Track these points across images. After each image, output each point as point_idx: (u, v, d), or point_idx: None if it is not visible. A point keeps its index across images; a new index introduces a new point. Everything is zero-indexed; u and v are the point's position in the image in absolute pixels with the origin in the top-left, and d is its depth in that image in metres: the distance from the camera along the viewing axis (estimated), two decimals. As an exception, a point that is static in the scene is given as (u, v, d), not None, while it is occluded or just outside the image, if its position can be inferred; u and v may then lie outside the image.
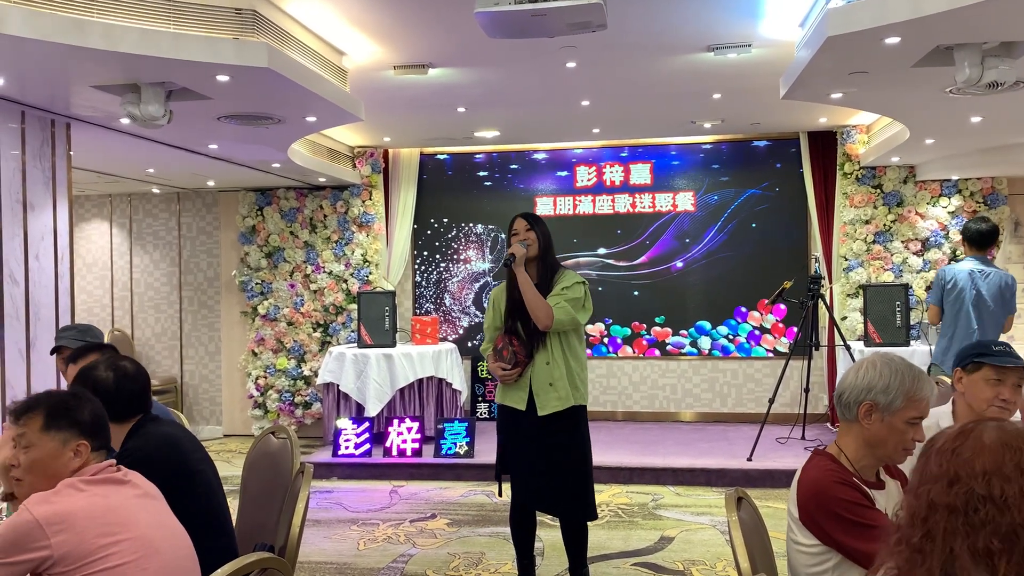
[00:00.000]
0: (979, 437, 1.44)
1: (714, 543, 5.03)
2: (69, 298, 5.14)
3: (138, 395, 2.64)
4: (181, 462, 2.58)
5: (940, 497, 1.41)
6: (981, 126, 5.79)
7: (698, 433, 7.72)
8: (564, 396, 3.90)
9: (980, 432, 1.45)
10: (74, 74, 4.19)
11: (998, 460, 1.40)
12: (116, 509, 2.04)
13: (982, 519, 1.37)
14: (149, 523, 2.09)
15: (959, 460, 1.42)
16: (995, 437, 1.43)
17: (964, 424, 1.49)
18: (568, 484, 3.94)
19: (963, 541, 1.37)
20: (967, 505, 1.38)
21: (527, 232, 3.96)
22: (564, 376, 3.91)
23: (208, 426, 8.77)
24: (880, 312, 7.05)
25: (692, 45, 5.03)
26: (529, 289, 3.86)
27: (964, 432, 1.46)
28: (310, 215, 8.38)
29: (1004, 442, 1.41)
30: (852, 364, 2.30)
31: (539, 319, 3.85)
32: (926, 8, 3.48)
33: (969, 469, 1.40)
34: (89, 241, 9.00)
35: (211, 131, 5.64)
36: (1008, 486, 1.37)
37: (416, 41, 4.89)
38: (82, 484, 2.06)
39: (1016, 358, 2.76)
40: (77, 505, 1.99)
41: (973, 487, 1.39)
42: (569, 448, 3.96)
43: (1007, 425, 1.46)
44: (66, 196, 5.13)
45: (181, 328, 8.87)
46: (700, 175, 8.33)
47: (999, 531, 1.35)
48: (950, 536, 1.38)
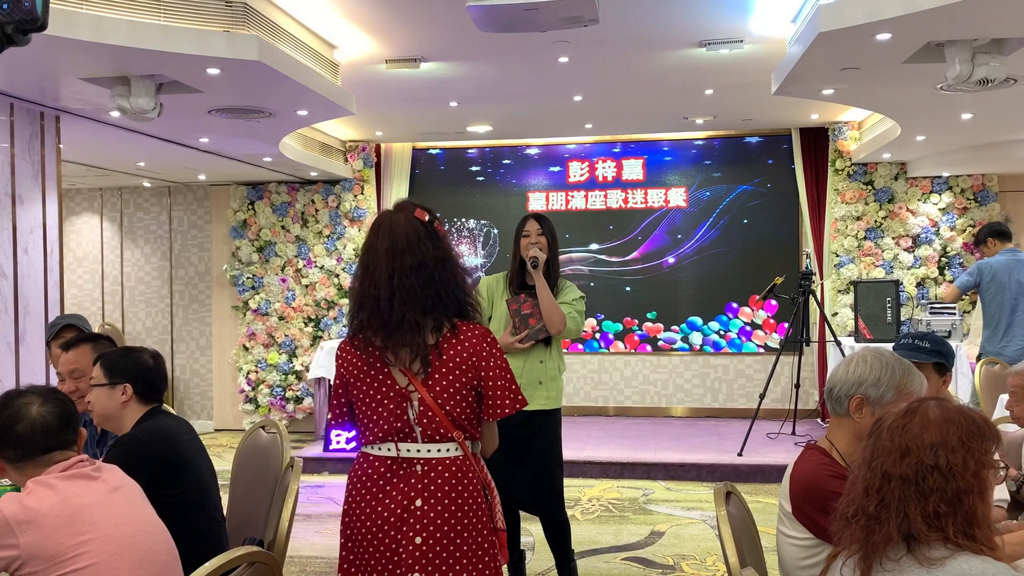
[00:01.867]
0: (925, 414, 1.64)
1: (704, 537, 5.05)
2: (59, 292, 5.11)
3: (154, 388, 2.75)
4: (172, 455, 2.59)
5: (893, 468, 1.61)
6: (972, 123, 5.81)
7: (689, 428, 7.74)
8: (553, 397, 3.96)
9: (925, 410, 1.65)
10: (63, 66, 4.17)
11: (943, 433, 1.60)
12: (85, 508, 2.02)
13: (931, 486, 1.57)
14: (120, 520, 2.07)
15: (909, 435, 1.62)
16: (938, 414, 1.63)
17: (909, 403, 1.70)
18: (545, 482, 3.96)
19: (915, 506, 1.57)
20: (917, 474, 1.58)
21: (539, 236, 3.97)
22: (556, 377, 3.98)
23: (199, 420, 8.74)
24: (871, 308, 7.07)
25: (684, 40, 5.03)
26: (546, 294, 3.87)
27: (911, 411, 1.66)
28: (302, 209, 8.36)
29: (947, 418, 1.62)
30: (842, 359, 2.31)
31: (553, 324, 3.87)
32: (917, 4, 3.49)
33: (919, 442, 1.60)
34: (79, 235, 8.96)
35: (202, 124, 5.61)
36: (953, 456, 1.57)
37: (408, 35, 4.88)
38: (53, 481, 2.04)
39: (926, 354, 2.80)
40: (46, 505, 1.98)
41: (922, 458, 1.59)
42: (547, 447, 3.98)
43: (946, 403, 1.67)
44: (55, 189, 5.10)
45: (172, 322, 8.85)
46: (692, 171, 8.34)
47: (945, 496, 1.56)
48: (903, 503, 1.58)
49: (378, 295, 2.23)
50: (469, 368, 2.24)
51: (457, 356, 2.24)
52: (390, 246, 2.26)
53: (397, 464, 2.24)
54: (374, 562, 2.22)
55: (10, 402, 2.14)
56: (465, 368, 2.24)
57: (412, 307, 2.21)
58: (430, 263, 2.25)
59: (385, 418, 2.24)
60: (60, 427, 2.12)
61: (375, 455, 2.27)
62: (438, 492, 2.21)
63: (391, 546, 2.20)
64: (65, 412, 2.16)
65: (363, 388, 2.28)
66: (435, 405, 2.22)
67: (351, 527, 2.27)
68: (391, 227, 2.29)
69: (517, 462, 3.90)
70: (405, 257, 2.24)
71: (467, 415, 2.26)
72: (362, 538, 2.24)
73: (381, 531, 2.21)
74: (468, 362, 2.24)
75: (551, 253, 3.98)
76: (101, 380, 2.69)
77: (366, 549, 2.23)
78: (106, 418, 2.71)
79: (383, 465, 2.25)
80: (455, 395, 2.23)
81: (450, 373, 2.23)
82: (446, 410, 2.23)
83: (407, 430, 2.23)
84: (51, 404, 2.14)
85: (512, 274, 4.03)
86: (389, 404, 2.24)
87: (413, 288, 2.22)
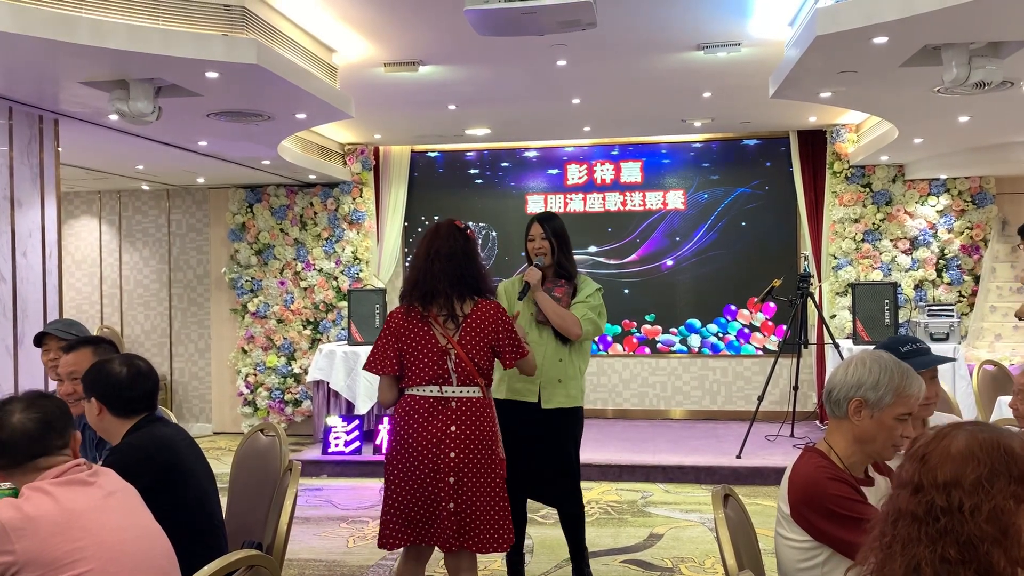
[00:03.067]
0: (947, 446, 1.45)
1: (703, 540, 5.05)
2: (57, 295, 5.12)
3: (150, 394, 2.66)
4: (172, 462, 2.57)
5: (905, 504, 1.45)
6: (969, 125, 5.82)
7: (688, 431, 7.75)
8: (573, 395, 3.96)
9: (950, 440, 1.46)
10: (62, 70, 4.18)
11: (959, 471, 1.41)
12: (81, 514, 2.01)
13: (941, 529, 1.40)
14: (116, 526, 2.07)
15: (925, 468, 1.45)
16: (963, 447, 1.44)
17: (941, 428, 1.51)
18: (562, 475, 3.99)
19: (925, 549, 1.40)
20: (928, 514, 1.41)
21: (543, 240, 3.94)
22: (576, 376, 3.97)
23: (198, 424, 8.74)
24: (869, 310, 7.08)
25: (682, 44, 5.04)
26: (553, 311, 3.85)
27: (938, 437, 1.48)
28: (300, 212, 8.37)
29: (970, 452, 1.43)
30: (841, 361, 2.30)
31: (570, 332, 3.86)
32: (914, 8, 3.50)
33: (932, 479, 1.43)
34: (78, 238, 8.96)
35: (200, 128, 5.62)
36: (967, 498, 1.39)
37: (407, 38, 4.89)
38: (49, 487, 2.04)
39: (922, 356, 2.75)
40: (42, 511, 1.97)
41: (934, 497, 1.41)
42: (566, 442, 4.01)
43: (979, 433, 1.46)
44: (54, 193, 5.11)
45: (171, 325, 8.85)
46: (690, 173, 8.35)
47: (958, 541, 1.38)
48: (913, 543, 1.42)
49: (419, 271, 3.17)
50: (488, 332, 3.13)
51: (478, 323, 3.12)
52: (431, 238, 3.20)
53: (438, 401, 3.12)
54: (419, 471, 3.09)
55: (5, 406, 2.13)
56: (486, 332, 3.13)
57: (442, 281, 3.09)
58: (459, 254, 3.13)
59: (430, 367, 3.11)
60: (42, 433, 2.09)
61: (420, 395, 3.13)
62: (468, 421, 3.11)
63: (433, 460, 3.08)
64: (47, 417, 2.12)
65: (412, 344, 3.12)
66: (467, 358, 3.10)
67: (402, 446, 3.13)
68: (436, 227, 3.23)
69: (535, 457, 3.93)
70: (441, 245, 3.15)
71: (487, 366, 3.17)
72: (409, 454, 3.11)
73: (426, 448, 3.09)
74: (488, 327, 3.13)
75: (561, 252, 3.96)
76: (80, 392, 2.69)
77: (412, 462, 3.10)
78: (96, 428, 2.70)
79: (427, 402, 3.12)
80: (480, 351, 3.12)
81: (476, 334, 3.12)
82: (475, 362, 3.11)
83: (446, 376, 3.11)
84: (33, 410, 2.12)
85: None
86: (433, 356, 3.11)
87: (444, 268, 3.10)
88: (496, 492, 3.17)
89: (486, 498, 3.14)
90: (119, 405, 2.60)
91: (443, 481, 3.09)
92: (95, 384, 2.62)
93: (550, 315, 3.85)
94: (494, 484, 3.16)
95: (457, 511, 3.10)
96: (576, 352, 3.98)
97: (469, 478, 3.10)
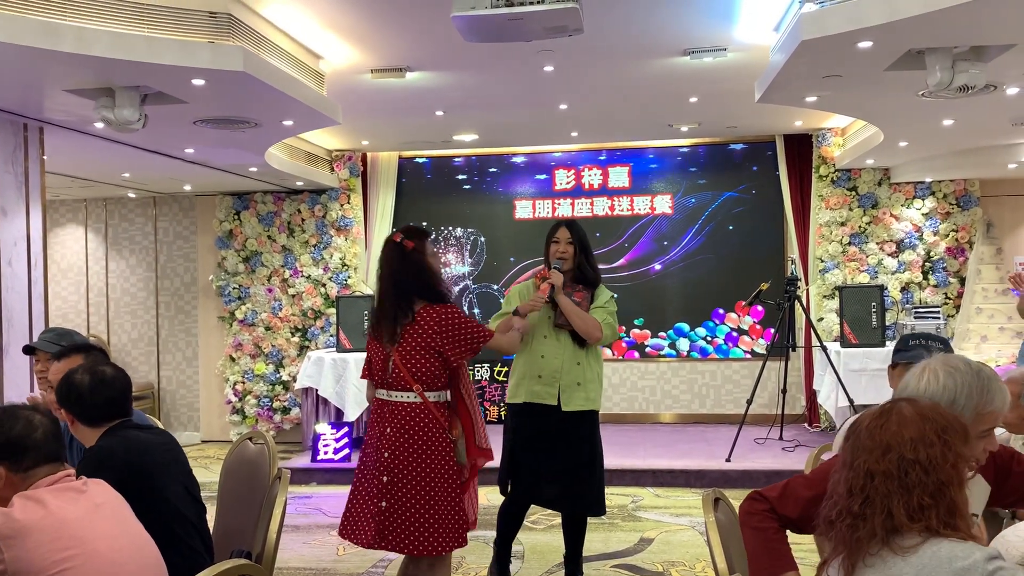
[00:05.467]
0: (900, 412, 1.69)
1: (693, 544, 5.06)
2: (43, 304, 5.08)
3: (114, 400, 2.61)
4: (141, 465, 2.51)
5: (875, 465, 1.64)
6: (953, 129, 5.86)
7: (677, 434, 7.76)
8: (592, 398, 4.01)
9: (899, 409, 1.70)
10: (47, 78, 4.15)
11: (920, 429, 1.64)
12: (71, 523, 2.00)
13: (913, 480, 1.61)
14: (106, 535, 2.06)
15: (888, 432, 1.66)
16: (913, 411, 1.68)
17: (883, 404, 1.73)
18: (585, 480, 3.99)
19: (899, 500, 1.60)
20: (899, 469, 1.62)
21: (568, 245, 4.01)
22: (594, 380, 4.02)
23: (186, 432, 8.69)
24: (856, 313, 7.12)
25: (668, 49, 5.06)
26: (574, 313, 3.91)
27: (885, 411, 1.71)
28: (288, 219, 8.34)
29: (922, 414, 1.67)
30: (914, 370, 1.99)
31: (591, 335, 3.93)
32: (898, 12, 3.53)
33: (899, 438, 1.64)
34: (64, 246, 8.90)
35: (187, 135, 5.60)
36: (931, 450, 1.62)
37: (393, 45, 4.89)
38: (40, 495, 2.03)
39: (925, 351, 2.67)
40: (32, 519, 1.96)
41: (903, 453, 1.62)
42: (592, 445, 4.03)
43: (917, 402, 1.72)
44: (39, 201, 5.07)
45: (158, 333, 8.80)
46: (677, 178, 8.38)
47: (928, 489, 1.60)
48: (887, 498, 1.61)
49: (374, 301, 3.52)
50: (428, 337, 3.28)
51: (417, 330, 3.29)
52: (378, 268, 3.51)
53: (382, 404, 3.37)
54: (366, 469, 3.38)
55: (18, 412, 2.14)
56: (425, 338, 3.28)
57: (387, 304, 3.37)
58: (398, 275, 3.35)
59: (378, 372, 3.40)
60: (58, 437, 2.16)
61: (377, 397, 3.41)
62: (400, 425, 3.28)
63: (373, 457, 3.34)
64: (58, 424, 2.20)
65: (371, 350, 3.44)
66: (402, 365, 3.30)
67: (364, 442, 3.46)
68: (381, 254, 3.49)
69: (556, 460, 3.95)
70: (382, 267, 3.44)
71: (426, 372, 3.29)
72: (363, 450, 3.45)
73: (370, 446, 3.38)
74: (428, 333, 3.28)
75: (584, 258, 4.02)
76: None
77: (363, 457, 3.42)
78: (76, 436, 2.69)
79: (378, 403, 3.40)
80: (416, 358, 3.29)
81: (414, 341, 3.29)
82: (410, 369, 3.29)
83: (387, 381, 3.35)
84: (48, 416, 2.17)
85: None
86: (380, 362, 3.39)
87: (387, 293, 3.37)
88: (427, 496, 3.23)
89: (416, 501, 3.22)
90: (83, 414, 2.59)
91: (378, 479, 3.28)
92: (59, 394, 2.63)
93: (573, 318, 3.90)
94: (426, 488, 3.23)
95: (387, 510, 3.23)
96: (593, 355, 4.03)
97: (400, 479, 3.23)
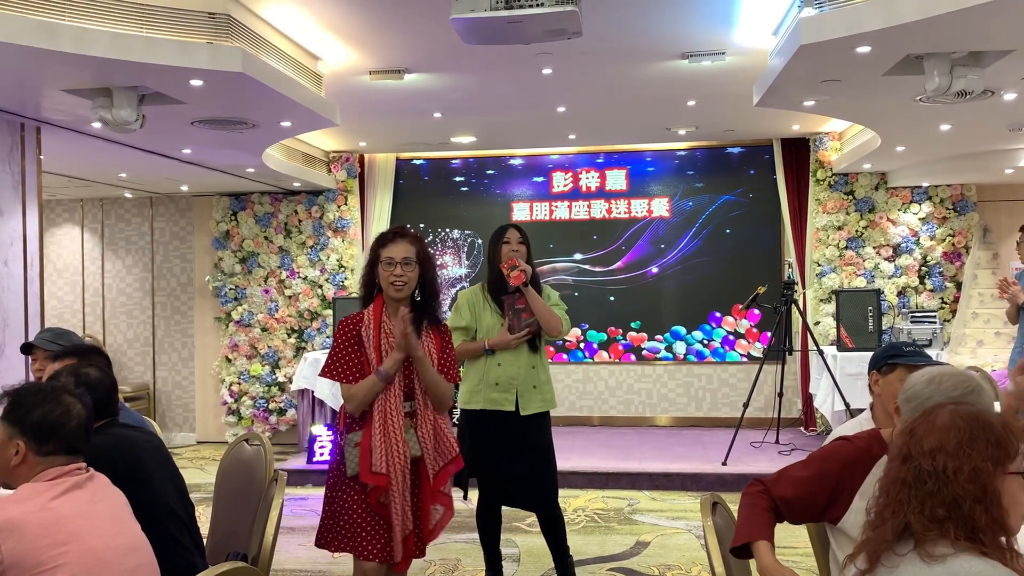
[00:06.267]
0: (932, 419, 1.64)
1: (689, 547, 5.05)
2: (39, 304, 5.07)
3: (99, 404, 2.57)
4: (136, 462, 2.51)
5: (896, 472, 1.62)
6: (950, 134, 5.87)
7: (673, 438, 7.76)
8: (548, 399, 4.10)
9: (935, 415, 1.64)
10: (44, 78, 4.14)
11: (943, 439, 1.59)
12: (69, 518, 2.00)
13: (928, 491, 1.57)
14: (103, 532, 2.05)
15: (913, 439, 1.63)
16: (946, 419, 1.62)
17: (928, 408, 1.69)
18: (544, 481, 4.08)
19: (914, 510, 1.57)
20: (916, 479, 1.59)
21: (519, 245, 4.07)
22: (547, 381, 4.11)
23: (181, 433, 8.68)
24: (852, 317, 7.12)
25: (667, 52, 5.07)
26: (539, 302, 3.99)
27: (925, 413, 1.67)
28: (285, 220, 8.33)
29: (952, 423, 1.61)
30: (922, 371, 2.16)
31: (553, 327, 4.01)
32: (897, 18, 3.53)
33: (919, 448, 1.60)
34: (60, 246, 8.88)
35: (184, 135, 5.59)
36: (950, 461, 1.56)
37: (392, 46, 4.89)
38: (41, 489, 2.03)
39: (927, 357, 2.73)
40: (30, 512, 1.96)
41: (921, 463, 1.59)
42: (546, 448, 4.13)
43: (961, 408, 1.65)
44: (36, 201, 5.06)
45: (154, 334, 8.78)
46: (675, 181, 8.38)
47: (944, 501, 1.55)
48: (903, 506, 1.59)
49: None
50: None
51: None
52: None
53: None
54: None
55: (61, 397, 2.16)
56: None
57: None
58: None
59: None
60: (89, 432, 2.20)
61: None
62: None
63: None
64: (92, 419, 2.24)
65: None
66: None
67: None
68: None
69: (515, 463, 4.02)
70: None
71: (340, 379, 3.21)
72: None
73: None
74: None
75: (530, 260, 4.08)
76: None
77: None
78: None
79: None
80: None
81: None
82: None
83: None
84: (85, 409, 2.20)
85: (490, 283, 4.08)
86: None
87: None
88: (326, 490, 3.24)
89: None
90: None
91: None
92: None
93: (540, 310, 3.96)
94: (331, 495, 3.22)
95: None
96: (543, 358, 4.13)
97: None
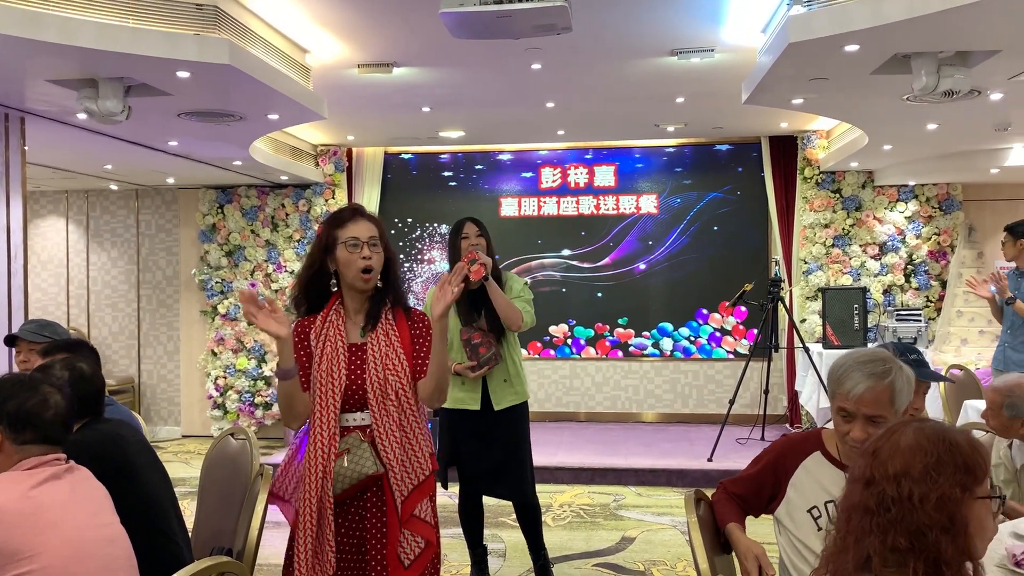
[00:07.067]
0: (897, 440, 1.49)
1: (675, 543, 5.07)
2: (23, 296, 5.03)
3: (89, 399, 2.59)
4: (123, 455, 2.51)
5: (858, 497, 1.48)
6: (937, 133, 5.90)
7: (660, 434, 7.78)
8: (520, 391, 4.08)
9: (900, 435, 1.50)
10: (29, 68, 4.10)
11: (909, 462, 1.45)
12: (49, 508, 2.00)
13: (891, 519, 1.42)
14: (81, 524, 2.04)
15: (876, 462, 1.48)
16: (911, 440, 1.47)
17: (892, 425, 1.55)
18: (517, 468, 4.08)
19: (876, 539, 1.43)
20: (879, 505, 1.44)
21: (478, 238, 4.03)
22: (517, 374, 4.08)
23: (166, 427, 8.63)
24: (838, 315, 7.16)
25: (656, 49, 5.07)
26: (500, 296, 3.93)
27: (888, 432, 1.52)
28: (272, 213, 8.30)
29: (918, 445, 1.46)
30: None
31: (513, 321, 3.95)
32: (885, 16, 3.54)
33: (883, 471, 1.46)
34: (44, 238, 8.81)
35: (171, 127, 5.55)
36: (916, 487, 1.42)
37: (381, 40, 4.87)
38: (20, 478, 2.02)
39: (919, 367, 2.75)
40: (10, 500, 1.96)
41: (884, 488, 1.44)
42: (521, 437, 4.11)
43: (927, 427, 1.50)
44: (20, 192, 5.01)
45: (139, 327, 8.73)
46: (663, 178, 8.40)
47: (908, 530, 1.41)
48: (865, 535, 1.45)
49: None
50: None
51: None
52: None
53: None
54: None
55: (39, 387, 2.15)
56: None
57: None
58: None
59: None
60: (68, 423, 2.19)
61: None
62: None
63: None
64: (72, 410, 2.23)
65: None
66: None
67: None
68: None
69: (491, 457, 4.01)
70: None
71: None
72: None
73: None
74: None
75: (490, 254, 4.03)
76: None
77: None
78: None
79: None
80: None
81: None
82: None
83: None
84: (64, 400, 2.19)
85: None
86: None
87: None
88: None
89: None
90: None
91: None
92: None
93: (500, 303, 3.91)
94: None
95: None
96: (512, 348, 4.08)
97: None
